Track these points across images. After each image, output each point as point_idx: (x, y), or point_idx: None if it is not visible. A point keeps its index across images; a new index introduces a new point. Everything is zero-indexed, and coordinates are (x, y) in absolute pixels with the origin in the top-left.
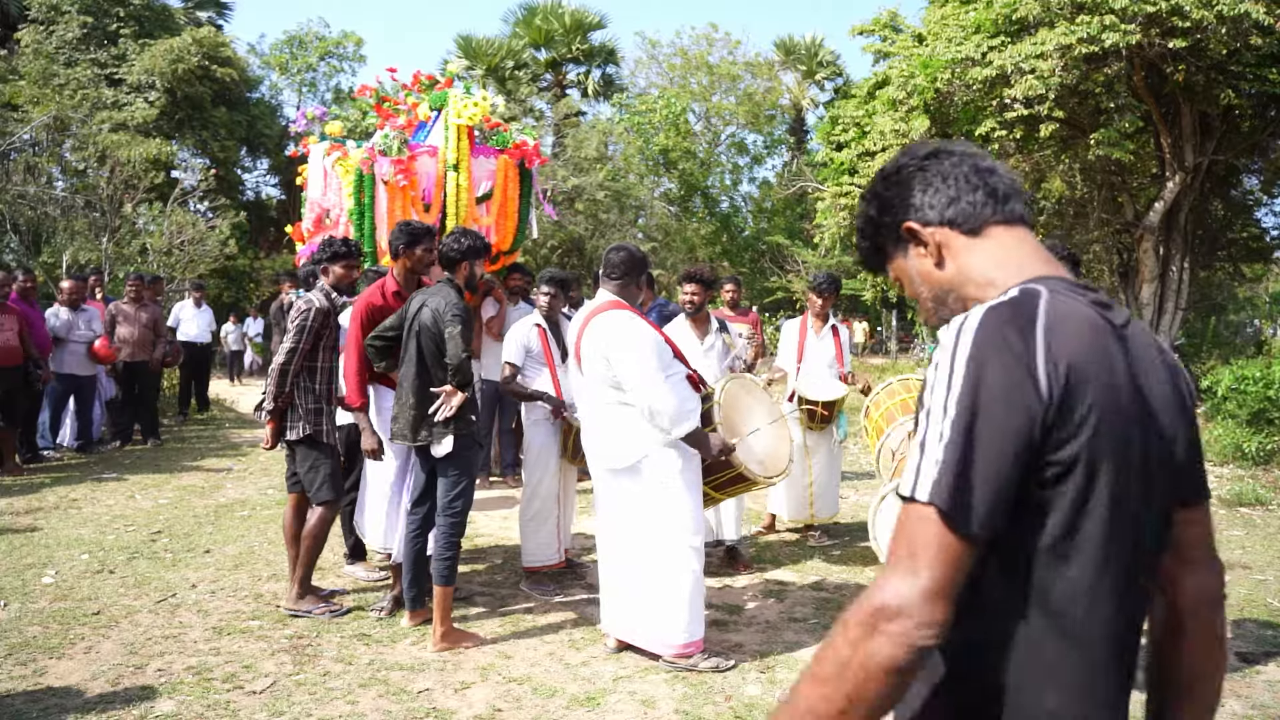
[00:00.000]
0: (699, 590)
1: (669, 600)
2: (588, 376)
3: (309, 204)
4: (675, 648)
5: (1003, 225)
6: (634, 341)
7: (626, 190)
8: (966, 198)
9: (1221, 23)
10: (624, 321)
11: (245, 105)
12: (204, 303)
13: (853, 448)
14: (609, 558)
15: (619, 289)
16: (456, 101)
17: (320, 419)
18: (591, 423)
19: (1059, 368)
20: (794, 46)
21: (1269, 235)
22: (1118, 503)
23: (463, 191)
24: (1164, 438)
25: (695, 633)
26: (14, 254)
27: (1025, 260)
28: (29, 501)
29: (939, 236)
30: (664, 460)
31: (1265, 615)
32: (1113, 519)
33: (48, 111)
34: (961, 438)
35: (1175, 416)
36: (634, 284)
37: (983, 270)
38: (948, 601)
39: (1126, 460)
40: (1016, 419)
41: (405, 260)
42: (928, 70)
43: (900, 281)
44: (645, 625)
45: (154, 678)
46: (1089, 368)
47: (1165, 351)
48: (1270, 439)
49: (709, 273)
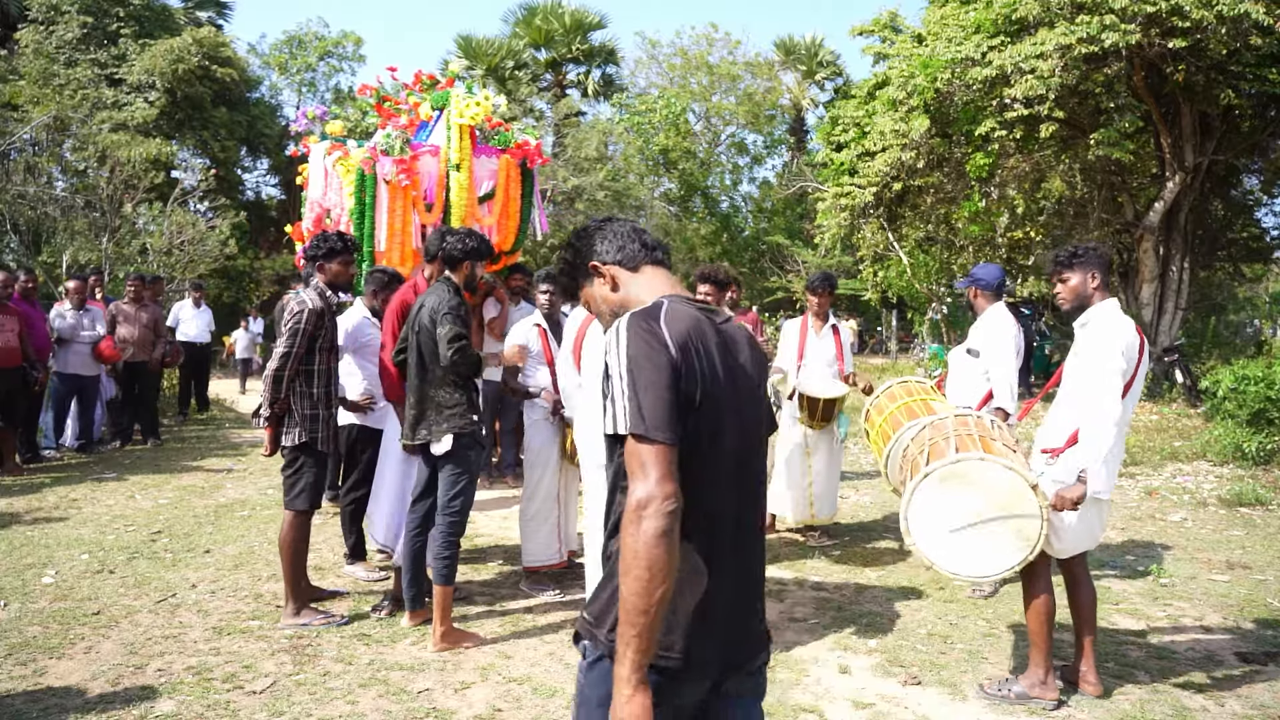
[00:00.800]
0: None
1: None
2: (588, 374)
3: (309, 204)
4: None
5: (650, 265)
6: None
7: (626, 190)
8: (629, 247)
9: (1221, 23)
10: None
11: (245, 105)
12: (203, 303)
13: (853, 448)
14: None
15: None
16: (459, 101)
17: (317, 425)
18: (586, 421)
19: (675, 339)
20: (794, 46)
21: (1269, 235)
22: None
23: (464, 191)
24: (750, 390)
25: None
26: (14, 254)
27: (660, 287)
28: (29, 501)
29: (612, 271)
30: None
31: (1265, 615)
32: (729, 432)
33: (48, 111)
34: (631, 387)
35: (756, 380)
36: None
37: (638, 292)
38: (673, 481)
39: (731, 396)
40: (660, 367)
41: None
42: (928, 70)
43: (588, 302)
44: None
45: (154, 678)
46: (691, 339)
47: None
48: (1270, 439)
49: (723, 274)
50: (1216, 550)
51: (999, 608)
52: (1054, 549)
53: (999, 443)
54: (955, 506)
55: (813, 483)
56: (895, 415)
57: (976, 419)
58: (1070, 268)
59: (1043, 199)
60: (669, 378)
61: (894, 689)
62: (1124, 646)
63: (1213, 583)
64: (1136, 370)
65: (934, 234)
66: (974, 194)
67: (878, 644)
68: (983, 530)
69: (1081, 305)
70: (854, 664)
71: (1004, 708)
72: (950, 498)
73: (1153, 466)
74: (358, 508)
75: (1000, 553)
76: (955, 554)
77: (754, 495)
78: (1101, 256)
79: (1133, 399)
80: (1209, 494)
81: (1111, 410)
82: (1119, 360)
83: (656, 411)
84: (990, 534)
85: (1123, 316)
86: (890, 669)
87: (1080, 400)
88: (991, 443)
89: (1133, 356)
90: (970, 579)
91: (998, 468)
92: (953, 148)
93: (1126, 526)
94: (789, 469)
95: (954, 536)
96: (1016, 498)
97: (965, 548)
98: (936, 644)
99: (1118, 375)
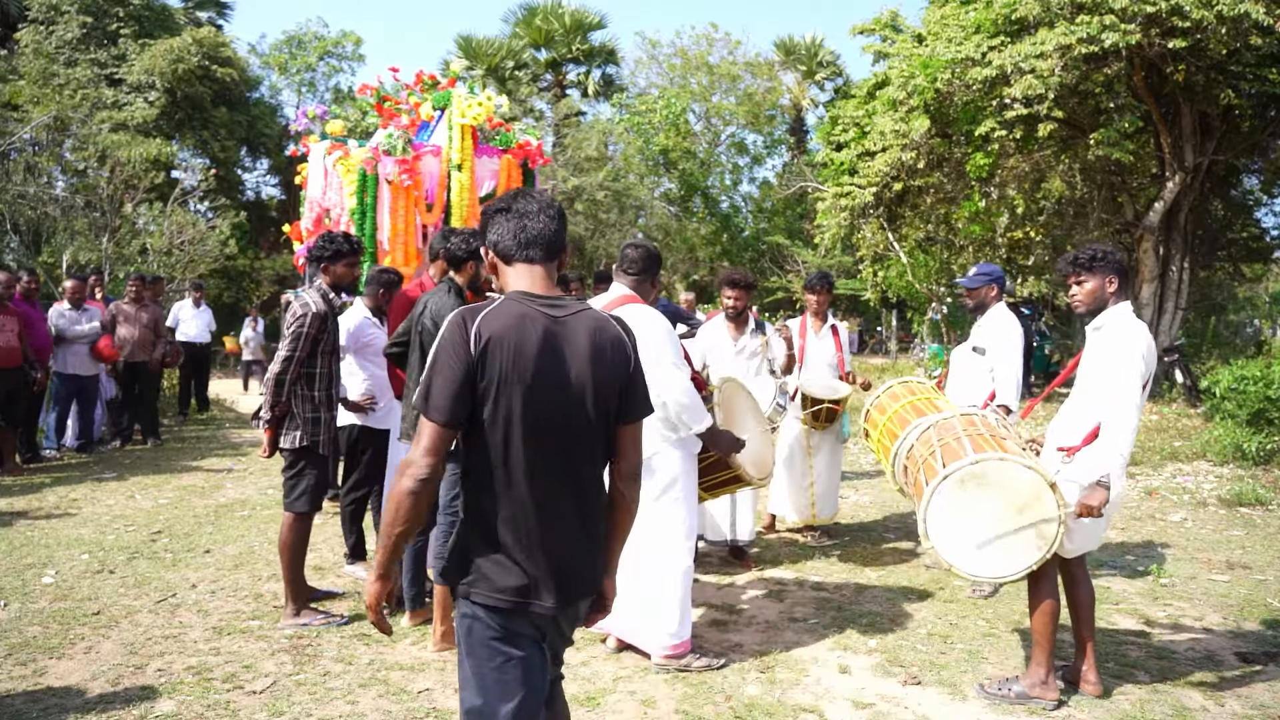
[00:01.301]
0: (689, 591)
1: (661, 601)
2: None
3: (308, 203)
4: (666, 649)
5: (522, 263)
6: (658, 336)
7: (626, 190)
8: (505, 241)
9: (1221, 23)
10: (647, 315)
11: (245, 105)
12: (203, 303)
13: (853, 447)
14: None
15: (635, 284)
16: (461, 101)
17: (318, 429)
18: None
19: (482, 336)
20: (794, 46)
21: (1269, 235)
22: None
23: (466, 191)
24: (575, 380)
25: (684, 634)
26: (14, 254)
27: (519, 284)
28: (29, 501)
29: (492, 258)
30: (671, 459)
31: (1265, 615)
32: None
33: (48, 111)
34: (429, 371)
35: (589, 369)
36: (649, 281)
37: (506, 284)
38: (435, 455)
39: (536, 388)
40: (457, 359)
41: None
42: (928, 70)
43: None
44: (637, 623)
45: (154, 678)
46: (500, 338)
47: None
48: (1270, 439)
49: (749, 277)
50: (1216, 550)
51: (999, 608)
52: (1065, 549)
53: (1011, 440)
54: (975, 509)
55: (814, 482)
56: (900, 414)
57: (983, 418)
58: (1090, 270)
59: (1043, 199)
60: (462, 372)
61: (894, 689)
62: (1124, 646)
63: (1213, 583)
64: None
65: (934, 234)
66: (974, 194)
67: (878, 644)
68: (1011, 535)
69: (1098, 308)
70: (854, 664)
71: (1004, 707)
72: (970, 499)
73: (1153, 466)
74: (358, 508)
75: (1021, 552)
76: (976, 556)
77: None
78: (1118, 262)
79: (1143, 401)
80: (1209, 494)
81: (1133, 415)
82: (1140, 364)
83: (439, 396)
84: (1017, 535)
85: (1138, 321)
86: (890, 669)
87: (1099, 402)
88: (1004, 441)
89: (1151, 361)
90: (991, 579)
91: (1018, 467)
92: (953, 148)
93: (1126, 526)
94: (790, 469)
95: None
96: (1035, 498)
97: (986, 550)
98: (936, 644)
99: (1138, 379)
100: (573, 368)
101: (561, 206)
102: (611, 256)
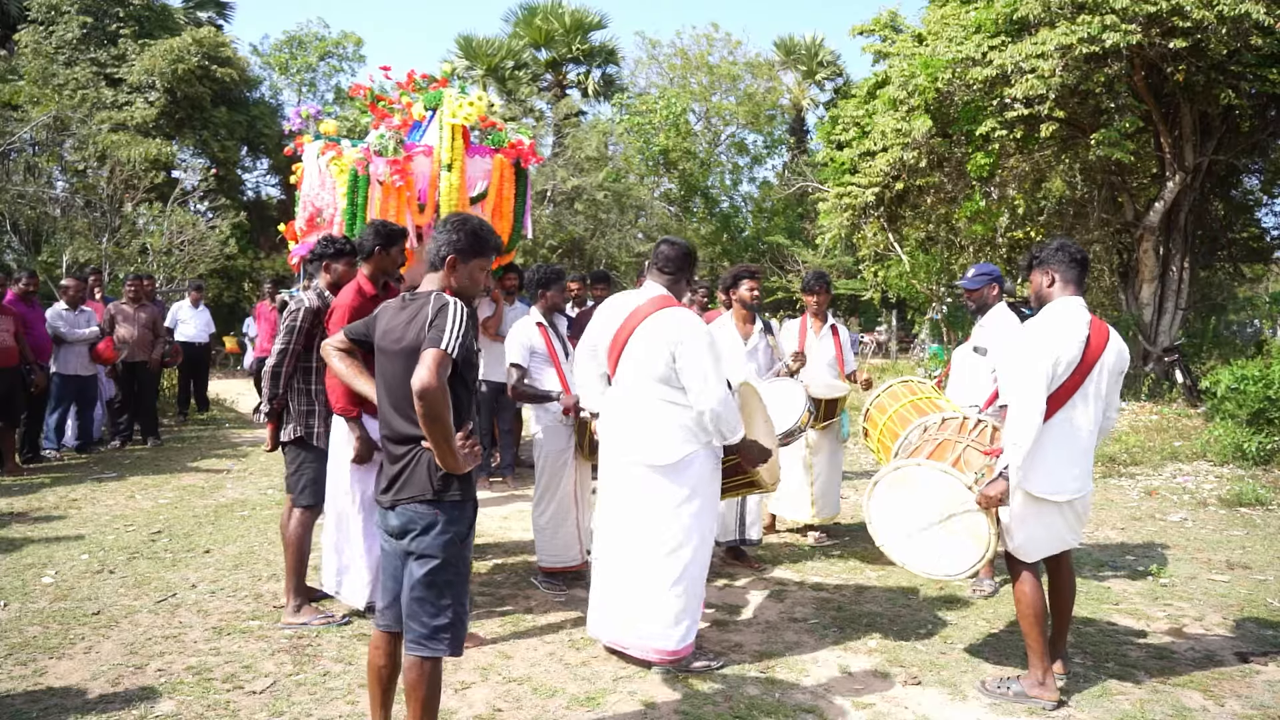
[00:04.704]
0: (703, 596)
1: (676, 603)
2: (634, 370)
3: (302, 202)
4: (671, 652)
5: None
6: (705, 344)
7: (626, 190)
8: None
9: (1222, 23)
10: (694, 322)
11: (245, 105)
12: (202, 303)
13: (853, 447)
14: (614, 557)
15: (670, 284)
16: (451, 101)
17: (312, 420)
18: (628, 417)
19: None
20: (794, 46)
21: (1269, 235)
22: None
23: (454, 191)
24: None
25: (690, 638)
26: (14, 254)
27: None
28: (29, 501)
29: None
30: (705, 463)
31: (1265, 615)
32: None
33: (48, 111)
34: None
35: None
36: (684, 280)
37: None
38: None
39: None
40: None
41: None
42: (928, 70)
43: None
44: (641, 628)
45: (154, 678)
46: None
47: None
48: (1270, 439)
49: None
50: (1216, 550)
51: (999, 608)
52: (1013, 548)
53: (964, 445)
54: (908, 510)
55: (814, 482)
56: (901, 414)
57: (961, 421)
58: (1029, 269)
59: (1043, 199)
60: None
61: (894, 689)
62: (1124, 646)
63: (1213, 583)
64: (1089, 373)
65: (934, 234)
66: (975, 194)
67: (878, 644)
68: (939, 531)
69: (1041, 305)
70: (854, 664)
71: (1004, 707)
72: (903, 501)
73: (1153, 466)
74: None
75: (963, 551)
76: (923, 554)
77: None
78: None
79: (1090, 401)
80: (1209, 494)
81: (1027, 410)
82: (1045, 362)
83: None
84: (950, 534)
85: (1070, 318)
86: (890, 669)
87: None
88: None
89: (1071, 358)
90: (943, 578)
91: (935, 472)
92: (953, 147)
93: (1126, 526)
94: (790, 468)
95: (913, 540)
96: (956, 498)
97: (930, 548)
98: (936, 644)
99: (1041, 375)
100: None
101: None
102: (611, 257)
